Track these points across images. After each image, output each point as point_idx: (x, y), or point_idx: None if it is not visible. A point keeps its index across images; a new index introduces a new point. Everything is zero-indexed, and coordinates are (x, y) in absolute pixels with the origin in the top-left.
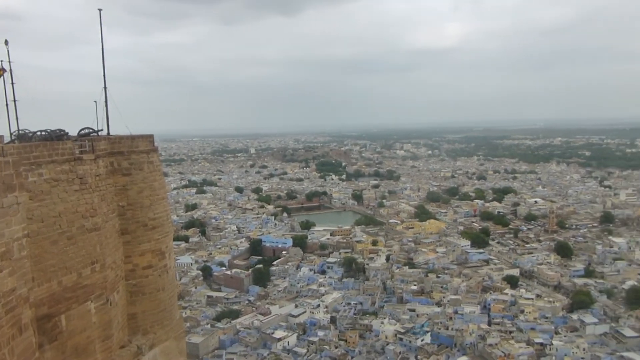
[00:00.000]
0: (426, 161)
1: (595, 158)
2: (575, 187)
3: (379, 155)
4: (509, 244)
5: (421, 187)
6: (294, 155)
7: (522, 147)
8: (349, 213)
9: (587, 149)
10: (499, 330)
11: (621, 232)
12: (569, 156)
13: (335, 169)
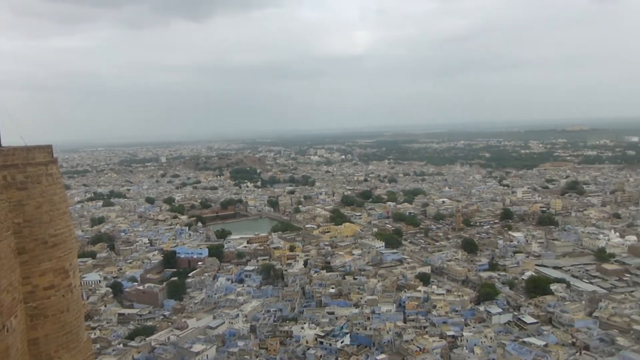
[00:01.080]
0: (340, 166)
1: (494, 159)
2: (478, 187)
3: (293, 161)
4: (421, 243)
5: (336, 191)
6: (207, 163)
7: (429, 150)
8: (266, 220)
9: (487, 151)
10: (414, 326)
11: (519, 227)
12: (472, 158)
13: (250, 176)
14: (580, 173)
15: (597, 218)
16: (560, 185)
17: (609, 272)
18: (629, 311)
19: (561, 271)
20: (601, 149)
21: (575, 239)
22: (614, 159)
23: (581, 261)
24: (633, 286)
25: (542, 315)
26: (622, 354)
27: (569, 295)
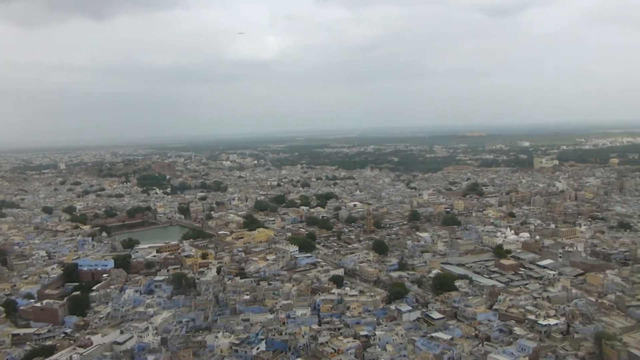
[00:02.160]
0: (252, 171)
1: (402, 163)
2: (387, 190)
3: (205, 167)
4: (334, 246)
5: (249, 196)
6: (112, 169)
7: (340, 154)
8: (176, 227)
9: (395, 155)
10: (328, 328)
11: (426, 227)
12: (381, 162)
13: (159, 183)
14: (480, 175)
15: (494, 217)
16: (462, 187)
17: (506, 267)
18: (523, 302)
19: (464, 268)
20: (497, 153)
21: (476, 237)
22: (508, 162)
23: (482, 258)
24: (527, 279)
25: (448, 311)
26: (518, 342)
27: (471, 290)
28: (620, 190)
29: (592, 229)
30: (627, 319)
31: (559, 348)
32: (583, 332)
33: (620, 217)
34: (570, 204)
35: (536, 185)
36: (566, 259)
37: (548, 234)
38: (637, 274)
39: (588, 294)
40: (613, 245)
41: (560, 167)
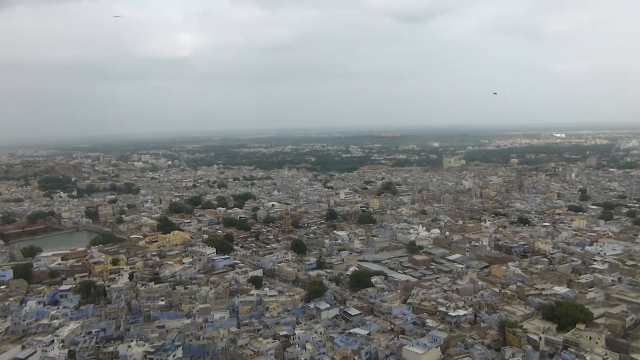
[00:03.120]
0: (167, 172)
1: (319, 163)
2: (305, 189)
3: (114, 168)
4: (252, 246)
5: (163, 198)
6: (9, 172)
7: (258, 154)
8: (84, 233)
9: (312, 155)
10: (248, 330)
11: (343, 226)
12: (298, 162)
13: (64, 186)
14: (394, 175)
15: (408, 215)
16: (377, 186)
17: (419, 262)
18: (435, 295)
19: (380, 264)
20: (410, 153)
21: (391, 234)
22: (420, 162)
23: (396, 254)
24: (438, 273)
25: (365, 307)
26: (430, 333)
27: (387, 286)
28: (520, 188)
29: (496, 224)
30: (527, 307)
31: (467, 337)
32: (488, 320)
33: (519, 212)
34: (476, 201)
35: (445, 184)
36: (473, 253)
37: (457, 230)
38: (535, 265)
39: (492, 285)
40: (514, 239)
41: (467, 167)
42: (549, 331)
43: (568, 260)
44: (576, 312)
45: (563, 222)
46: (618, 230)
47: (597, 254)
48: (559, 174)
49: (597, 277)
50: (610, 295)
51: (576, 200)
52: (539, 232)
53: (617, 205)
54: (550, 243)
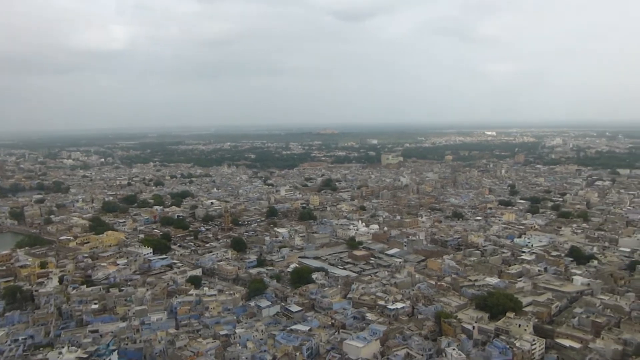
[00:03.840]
0: (99, 170)
1: (259, 160)
2: (245, 187)
3: (42, 166)
4: (190, 245)
5: (95, 197)
6: None
7: (196, 152)
8: (8, 235)
9: (252, 152)
10: (187, 331)
11: (283, 223)
12: (238, 159)
13: None
14: (333, 172)
15: (347, 211)
16: (317, 183)
17: (358, 257)
18: (374, 290)
19: (320, 261)
20: (349, 150)
21: (331, 230)
22: (359, 158)
23: (336, 250)
24: (377, 268)
25: (306, 303)
26: (370, 327)
27: (327, 281)
28: (454, 183)
29: (432, 219)
30: (461, 298)
31: (406, 329)
32: (425, 312)
33: (454, 207)
34: (413, 196)
35: (384, 180)
36: (410, 247)
37: (395, 225)
38: (469, 258)
39: (429, 278)
40: (449, 233)
41: (404, 163)
42: (481, 320)
43: (499, 252)
44: (506, 302)
45: (494, 216)
46: (544, 223)
47: (525, 245)
48: (490, 170)
49: (525, 267)
50: (537, 285)
51: (506, 195)
52: (472, 225)
53: (543, 200)
54: (483, 236)
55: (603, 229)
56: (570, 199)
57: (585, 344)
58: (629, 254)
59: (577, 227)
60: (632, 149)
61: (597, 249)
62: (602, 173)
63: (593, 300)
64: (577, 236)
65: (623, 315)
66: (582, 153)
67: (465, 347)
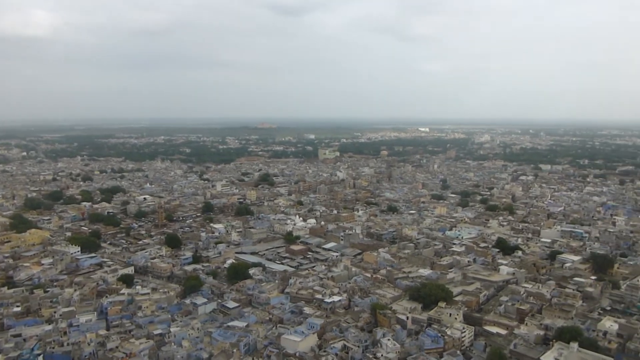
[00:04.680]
0: (20, 164)
1: (194, 154)
2: (180, 182)
3: None
4: (122, 243)
5: (17, 193)
6: None
7: (127, 145)
8: None
9: (187, 146)
10: (118, 332)
11: (220, 218)
12: (172, 153)
13: None
14: (271, 166)
15: (285, 206)
16: (254, 177)
17: (296, 252)
18: (311, 284)
19: (258, 256)
20: (287, 145)
21: (268, 225)
22: (296, 153)
23: (274, 245)
24: (314, 262)
25: (243, 299)
26: (308, 321)
27: (265, 276)
28: (389, 178)
29: (367, 213)
30: (396, 290)
31: (342, 321)
32: (361, 304)
33: (389, 201)
34: (349, 191)
35: (321, 175)
36: (347, 241)
37: (331, 219)
38: (403, 251)
39: (365, 271)
40: (384, 226)
41: (341, 158)
42: (415, 310)
43: (431, 244)
44: (438, 292)
45: (427, 210)
46: (473, 216)
47: (455, 238)
48: (424, 165)
49: (456, 258)
50: (467, 275)
51: (438, 189)
52: (406, 219)
53: (472, 194)
54: (416, 229)
55: (527, 221)
56: (497, 193)
57: (511, 330)
58: (549, 244)
59: (503, 219)
60: (552, 146)
61: (521, 240)
62: (525, 168)
63: (518, 288)
64: (503, 228)
65: (544, 302)
66: (508, 149)
67: (400, 337)
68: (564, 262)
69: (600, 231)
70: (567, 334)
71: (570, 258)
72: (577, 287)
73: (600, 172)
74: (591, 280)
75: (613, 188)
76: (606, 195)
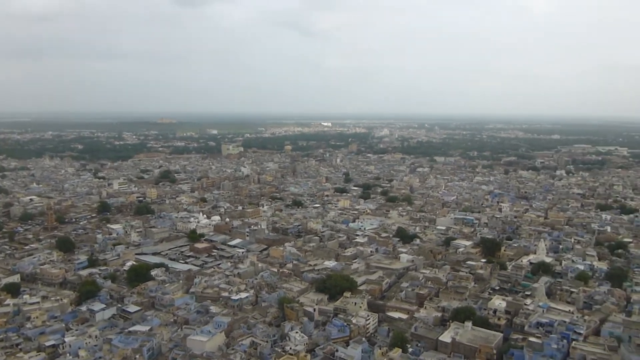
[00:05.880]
0: None
1: (88, 151)
2: (72, 181)
3: None
4: (5, 249)
5: None
6: None
7: (10, 141)
8: None
9: (79, 143)
10: (3, 347)
11: (117, 218)
12: (62, 150)
13: None
14: (172, 163)
15: (188, 203)
16: (154, 174)
17: (200, 250)
18: (217, 282)
19: (160, 256)
20: (188, 140)
21: (171, 224)
22: (199, 149)
23: (177, 244)
24: (220, 260)
25: (145, 302)
26: (214, 319)
27: (168, 277)
28: (294, 173)
29: (273, 208)
30: (302, 283)
31: (250, 318)
32: (269, 300)
33: (294, 196)
34: (254, 186)
35: (225, 171)
36: (252, 237)
37: (236, 215)
38: (308, 244)
39: (271, 266)
40: (289, 221)
41: (245, 154)
42: (321, 302)
43: (335, 236)
44: (343, 282)
45: (331, 203)
46: (374, 208)
47: (358, 229)
48: (327, 160)
49: (359, 249)
50: (370, 264)
51: (341, 182)
52: (310, 213)
53: (373, 186)
54: (321, 222)
55: (424, 211)
56: (396, 184)
57: (412, 314)
58: (444, 231)
59: (402, 210)
60: (445, 139)
61: (419, 229)
62: (422, 160)
63: (417, 274)
64: (402, 218)
65: (441, 285)
66: (406, 143)
67: (308, 328)
68: (457, 248)
69: (489, 217)
70: (461, 314)
71: (463, 243)
72: (469, 270)
73: (487, 163)
74: (481, 263)
75: (499, 177)
76: (493, 184)
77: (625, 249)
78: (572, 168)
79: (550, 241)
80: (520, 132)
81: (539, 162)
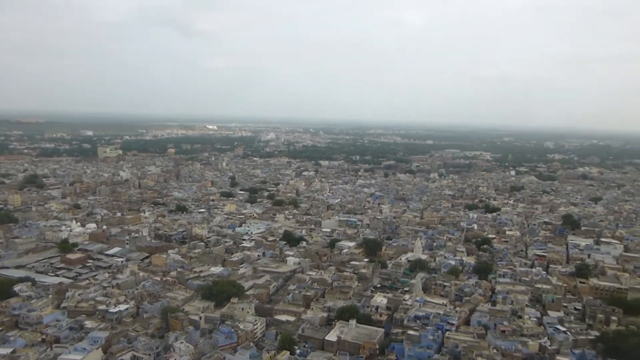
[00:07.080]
0: None
1: None
2: None
3: None
4: None
5: None
6: None
7: None
8: None
9: None
10: None
11: None
12: None
13: None
14: (39, 166)
15: (58, 210)
16: (18, 179)
17: (73, 261)
18: (93, 294)
19: (25, 269)
20: (58, 141)
21: (38, 233)
22: (71, 151)
23: (45, 255)
24: (96, 270)
25: (7, 321)
26: (90, 335)
27: (35, 292)
28: (177, 177)
29: (155, 214)
30: (187, 291)
31: (130, 331)
32: (151, 310)
33: (178, 201)
34: (134, 191)
35: (101, 175)
36: (133, 245)
37: (115, 223)
38: (194, 250)
39: (154, 275)
40: (173, 227)
41: (124, 157)
42: (208, 309)
43: (222, 242)
44: (230, 288)
45: (217, 207)
46: (261, 211)
47: (245, 233)
48: (212, 163)
49: (246, 254)
50: (257, 269)
51: (227, 186)
52: (196, 218)
53: (260, 190)
54: (206, 228)
55: (309, 214)
56: (283, 188)
57: (299, 315)
58: (329, 233)
59: (289, 213)
60: (330, 144)
61: (305, 232)
62: (307, 164)
63: (303, 276)
64: (289, 221)
65: (327, 286)
66: (292, 147)
67: (193, 338)
68: (342, 249)
69: (370, 218)
70: (346, 313)
71: (347, 244)
72: (353, 270)
73: (369, 167)
74: (364, 262)
75: (379, 180)
76: (374, 187)
77: (489, 244)
78: (443, 171)
79: (426, 239)
80: (398, 137)
81: (414, 166)
